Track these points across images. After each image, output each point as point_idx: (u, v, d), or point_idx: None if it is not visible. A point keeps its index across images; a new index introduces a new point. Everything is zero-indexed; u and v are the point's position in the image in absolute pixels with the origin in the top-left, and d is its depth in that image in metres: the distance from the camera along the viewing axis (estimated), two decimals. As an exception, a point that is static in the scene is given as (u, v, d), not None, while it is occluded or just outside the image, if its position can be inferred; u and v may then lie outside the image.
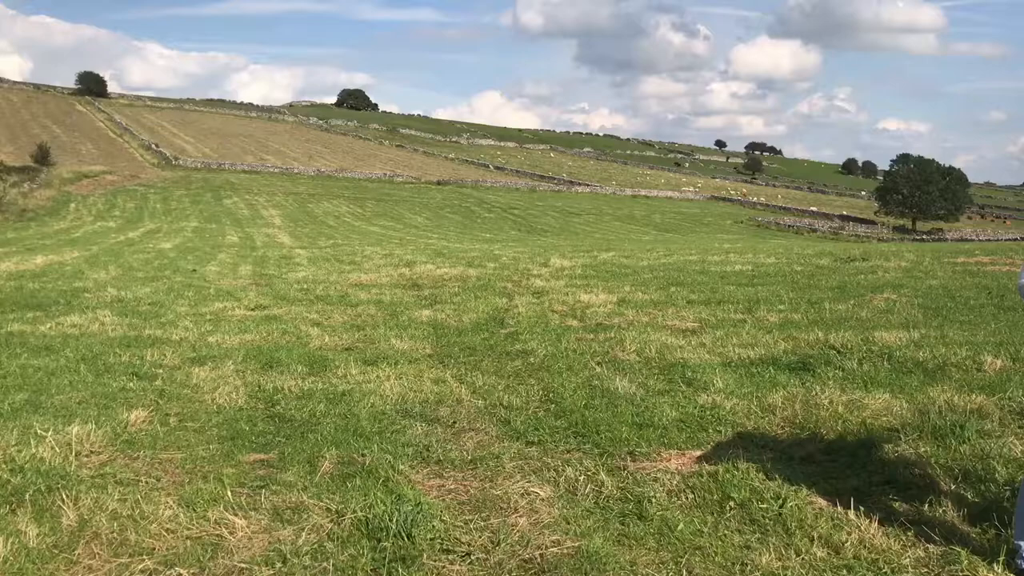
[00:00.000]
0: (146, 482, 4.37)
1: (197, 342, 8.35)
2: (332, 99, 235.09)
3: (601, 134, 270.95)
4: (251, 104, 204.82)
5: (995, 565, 3.27)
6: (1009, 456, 4.34)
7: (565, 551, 3.51)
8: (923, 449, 4.61)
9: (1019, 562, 3.22)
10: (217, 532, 3.72)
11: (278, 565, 3.44)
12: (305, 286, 13.70)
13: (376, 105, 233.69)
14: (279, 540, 3.65)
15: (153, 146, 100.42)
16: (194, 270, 18.04)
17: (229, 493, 4.13)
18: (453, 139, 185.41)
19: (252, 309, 10.93)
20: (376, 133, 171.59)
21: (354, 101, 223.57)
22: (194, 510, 3.94)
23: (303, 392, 6.28)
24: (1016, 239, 54.82)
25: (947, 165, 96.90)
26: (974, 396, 5.54)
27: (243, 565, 3.44)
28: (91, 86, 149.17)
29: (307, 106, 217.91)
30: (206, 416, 5.66)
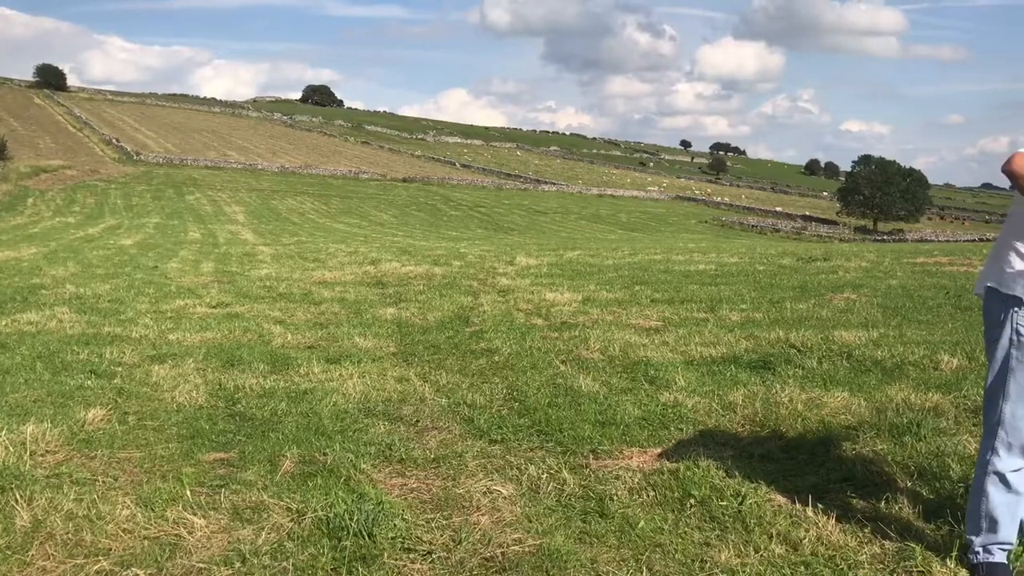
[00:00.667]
0: (103, 481, 4.31)
1: (157, 340, 8.24)
2: (297, 95, 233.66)
3: (568, 133, 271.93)
4: (215, 99, 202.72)
5: (948, 561, 3.33)
6: (963, 453, 4.42)
7: (526, 549, 3.52)
8: (880, 447, 4.68)
9: (971, 557, 3.28)
10: (175, 532, 3.68)
11: (237, 565, 3.41)
12: (268, 283, 13.58)
13: (342, 102, 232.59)
14: (239, 540, 3.62)
15: (114, 141, 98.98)
16: (155, 267, 17.80)
17: (188, 492, 4.09)
18: (419, 136, 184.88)
19: (214, 307, 10.81)
20: (341, 130, 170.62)
21: (319, 97, 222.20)
22: (152, 510, 3.89)
23: (265, 390, 6.22)
24: (974, 240, 55.85)
25: (908, 167, 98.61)
26: (931, 394, 5.64)
27: (201, 565, 3.40)
28: (50, 79, 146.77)
29: (272, 102, 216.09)
30: (166, 414, 5.59)
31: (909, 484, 4.12)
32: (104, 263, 18.77)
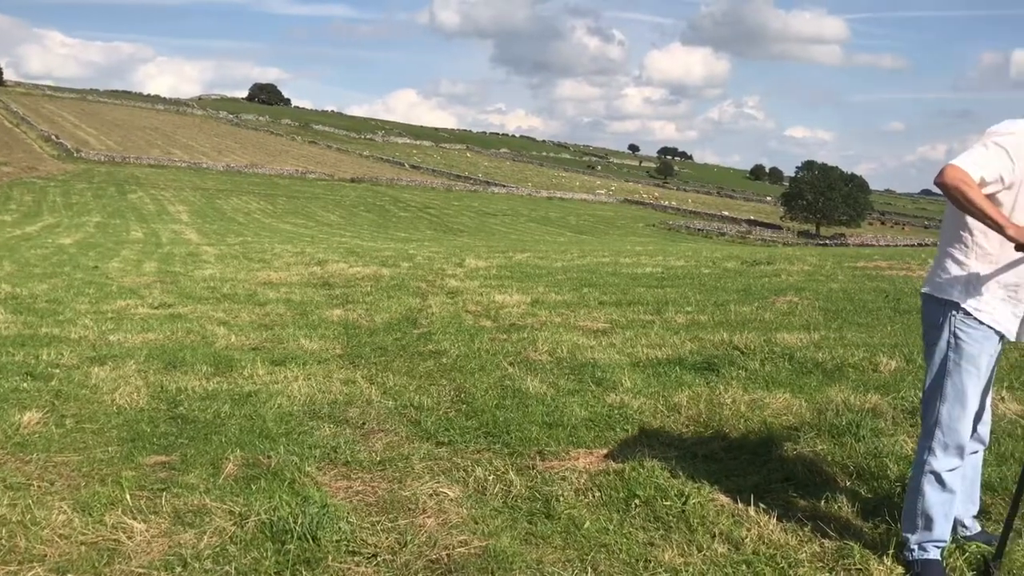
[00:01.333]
0: (39, 486, 4.20)
1: (97, 341, 8.06)
2: (243, 93, 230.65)
3: (518, 135, 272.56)
4: (158, 96, 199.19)
5: (885, 558, 3.40)
6: (901, 453, 4.53)
7: (472, 551, 3.52)
8: (821, 447, 4.77)
9: (907, 554, 3.36)
10: (114, 537, 3.60)
11: (178, 569, 3.35)
12: (212, 284, 13.38)
13: (289, 100, 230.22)
14: (180, 544, 3.56)
15: (53, 137, 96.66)
16: (96, 267, 17.42)
17: (128, 496, 4.01)
18: (368, 136, 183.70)
19: (156, 307, 10.62)
20: (288, 129, 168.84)
21: (266, 96, 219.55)
22: (90, 514, 3.81)
23: (208, 393, 6.13)
24: (913, 245, 57.31)
25: (850, 172, 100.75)
26: (870, 396, 5.76)
27: (141, 570, 3.34)
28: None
29: (217, 100, 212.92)
30: (105, 417, 5.48)
31: (848, 483, 4.21)
32: (42, 262, 18.31)
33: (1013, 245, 3.12)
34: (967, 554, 3.44)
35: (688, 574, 3.30)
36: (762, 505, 3.98)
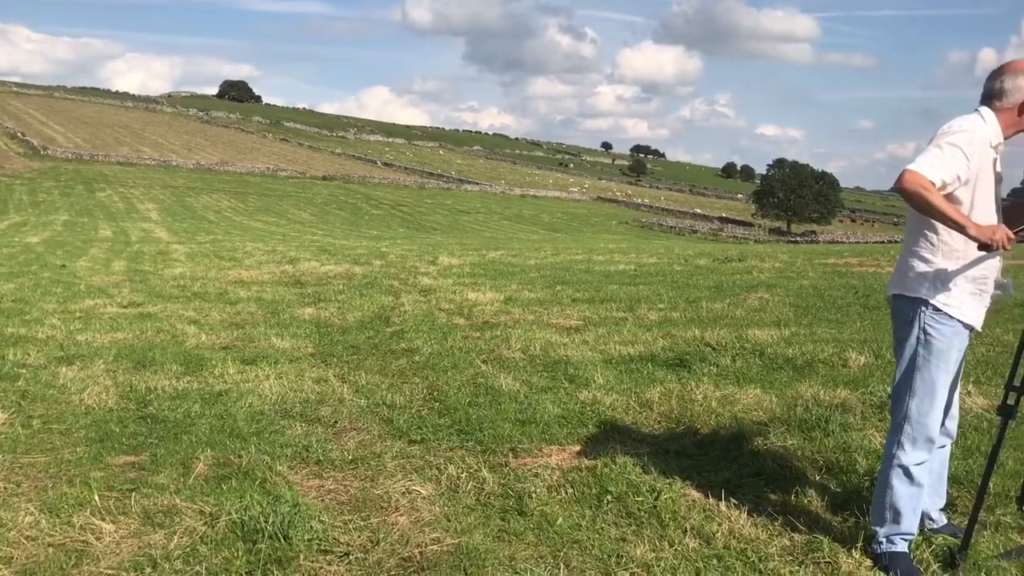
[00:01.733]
0: (5, 488, 4.14)
1: (65, 340, 7.96)
2: (214, 90, 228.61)
3: (491, 133, 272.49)
4: (127, 93, 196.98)
5: (853, 551, 3.44)
6: (869, 448, 4.58)
7: (445, 548, 3.51)
8: (790, 442, 4.81)
9: (875, 547, 3.40)
10: (83, 538, 3.56)
11: (147, 570, 3.32)
12: (182, 283, 13.25)
13: (260, 98, 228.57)
14: (149, 545, 3.52)
15: (19, 134, 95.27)
16: (64, 265, 17.18)
17: (96, 497, 3.96)
18: (340, 134, 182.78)
19: (125, 306, 10.50)
20: (260, 126, 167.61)
21: (237, 93, 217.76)
22: (58, 516, 3.76)
23: (178, 392, 6.07)
24: (883, 242, 57.89)
25: (820, 170, 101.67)
26: (839, 391, 5.83)
27: (110, 571, 3.31)
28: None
29: (187, 97, 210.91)
30: (73, 417, 5.41)
31: (818, 478, 4.25)
32: (8, 261, 18.04)
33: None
34: (933, 546, 3.49)
35: (660, 569, 3.32)
36: (733, 500, 4.01)
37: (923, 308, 3.35)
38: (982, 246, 3.17)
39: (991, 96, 3.36)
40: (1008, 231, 3.17)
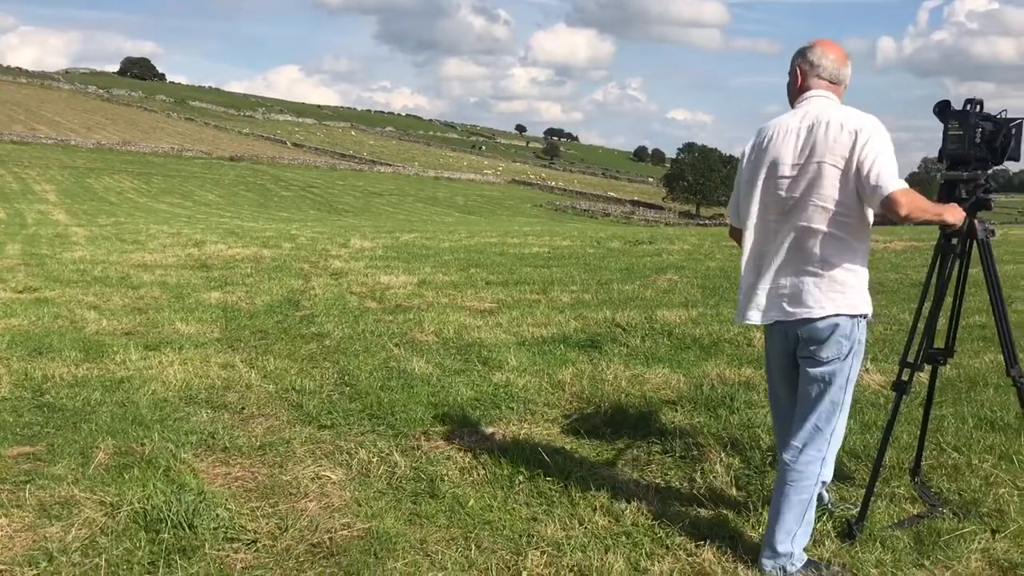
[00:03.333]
0: None
1: (-47, 328, 7.58)
2: (115, 67, 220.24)
3: (403, 114, 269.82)
4: (20, 69, 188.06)
5: (757, 525, 3.54)
6: (772, 425, 4.71)
7: (355, 533, 3.48)
8: (697, 420, 4.93)
9: (793, 564, 3.21)
10: (-29, 534, 3.40)
11: (43, 564, 3.20)
12: (82, 267, 12.76)
13: (163, 76, 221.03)
14: (45, 538, 3.39)
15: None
16: (-49, 249, 16.35)
17: (-13, 490, 3.79)
18: (248, 114, 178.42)
19: (20, 292, 10.06)
20: (164, 105, 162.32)
21: (139, 70, 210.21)
22: (-56, 511, 3.59)
23: (77, 380, 5.85)
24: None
25: (728, 154, 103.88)
26: (743, 369, 6.00)
27: (2, 567, 3.17)
28: None
29: (86, 74, 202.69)
30: (-38, 408, 5.16)
31: (723, 455, 4.36)
32: None
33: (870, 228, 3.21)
34: (834, 519, 3.61)
35: (570, 547, 3.35)
36: (642, 478, 4.08)
37: (859, 322, 3.20)
38: (947, 226, 3.28)
39: (837, 81, 3.26)
40: (962, 210, 3.28)
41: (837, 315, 3.14)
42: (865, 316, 3.22)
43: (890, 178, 2.97)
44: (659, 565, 3.22)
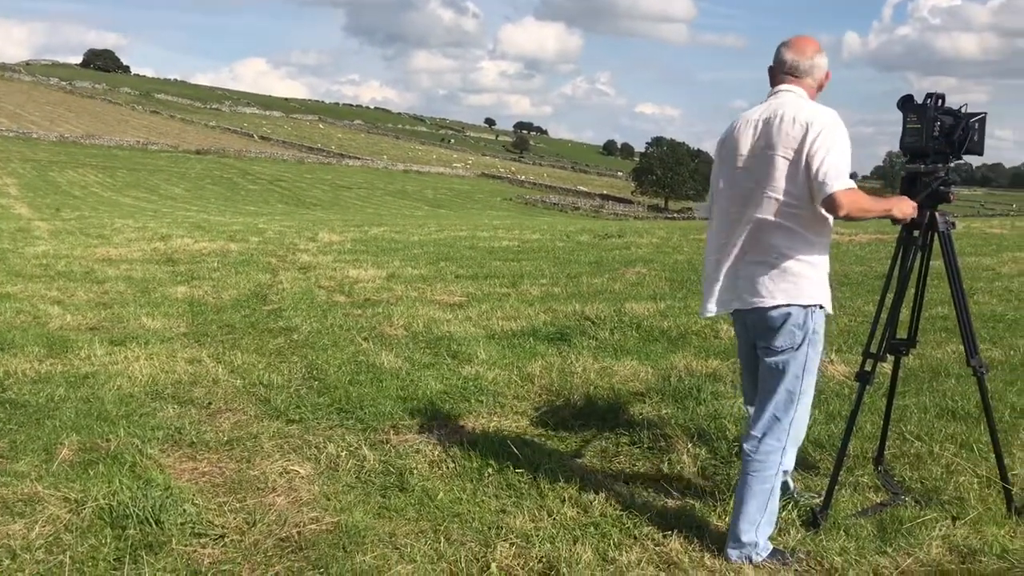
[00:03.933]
0: None
1: (-88, 324, 7.44)
2: (78, 59, 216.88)
3: (372, 107, 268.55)
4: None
5: (724, 515, 3.58)
6: (738, 415, 4.76)
7: (324, 527, 3.47)
8: (665, 411, 4.97)
9: (758, 555, 3.24)
10: (-68, 533, 3.35)
11: (6, 562, 3.15)
12: (45, 261, 12.56)
13: (128, 68, 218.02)
14: (8, 535, 3.35)
15: None
16: (-90, 243, 16.03)
17: (-53, 489, 3.73)
18: (214, 106, 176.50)
19: (-20, 287, 9.88)
20: (128, 97, 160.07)
21: (103, 62, 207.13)
22: (-96, 510, 3.53)
23: (40, 376, 5.77)
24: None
25: (696, 148, 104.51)
26: (710, 361, 6.05)
27: (-37, 566, 3.13)
28: None
29: (48, 65, 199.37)
30: (-79, 405, 5.07)
31: (690, 445, 4.40)
32: None
33: (830, 220, 3.24)
34: (799, 507, 3.66)
35: (539, 538, 3.37)
36: (610, 469, 4.10)
37: (813, 311, 3.23)
38: (896, 220, 3.30)
39: (800, 74, 3.29)
40: (912, 202, 3.32)
41: (789, 305, 3.20)
42: (820, 307, 3.26)
43: (836, 177, 3.00)
44: (627, 555, 3.25)
